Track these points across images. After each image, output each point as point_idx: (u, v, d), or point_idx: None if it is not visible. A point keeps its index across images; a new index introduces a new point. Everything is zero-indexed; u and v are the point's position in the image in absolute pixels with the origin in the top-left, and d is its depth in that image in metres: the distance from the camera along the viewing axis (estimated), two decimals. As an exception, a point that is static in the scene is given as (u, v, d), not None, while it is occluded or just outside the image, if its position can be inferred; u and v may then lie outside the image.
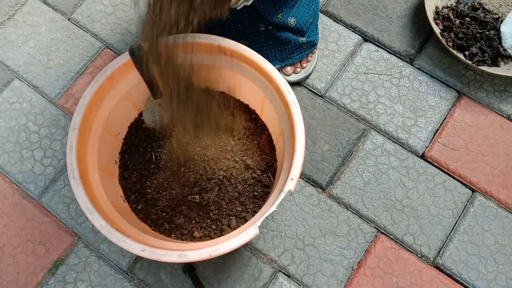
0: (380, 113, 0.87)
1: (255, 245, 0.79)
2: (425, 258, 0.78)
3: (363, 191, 0.82)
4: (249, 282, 0.77)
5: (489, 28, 0.88)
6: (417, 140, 0.85)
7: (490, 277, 0.76)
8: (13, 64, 0.94)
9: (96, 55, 0.94)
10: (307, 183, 0.83)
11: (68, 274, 0.78)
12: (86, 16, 0.97)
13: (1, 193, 0.84)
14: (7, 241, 0.81)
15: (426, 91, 0.88)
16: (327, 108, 0.88)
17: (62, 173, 0.85)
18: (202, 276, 0.77)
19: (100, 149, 0.73)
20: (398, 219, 0.80)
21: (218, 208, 0.74)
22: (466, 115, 0.87)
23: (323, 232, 0.79)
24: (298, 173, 0.62)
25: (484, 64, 0.87)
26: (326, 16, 0.95)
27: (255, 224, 0.59)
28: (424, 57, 0.91)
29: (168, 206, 0.75)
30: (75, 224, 0.81)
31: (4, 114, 0.90)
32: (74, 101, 0.90)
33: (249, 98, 0.80)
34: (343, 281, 0.76)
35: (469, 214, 0.80)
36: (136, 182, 0.77)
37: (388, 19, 0.94)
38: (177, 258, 0.59)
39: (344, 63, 0.91)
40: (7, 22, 0.97)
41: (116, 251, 0.79)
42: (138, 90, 0.77)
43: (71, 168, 0.65)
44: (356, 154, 0.84)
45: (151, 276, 0.77)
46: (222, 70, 0.76)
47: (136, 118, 0.81)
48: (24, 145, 0.87)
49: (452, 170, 0.83)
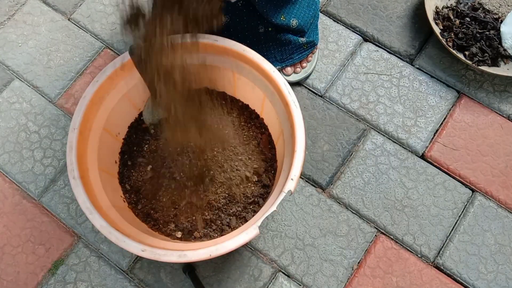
0: (380, 113, 0.87)
1: (255, 245, 0.79)
2: (425, 258, 0.78)
3: (363, 191, 0.82)
4: (249, 282, 0.77)
5: (489, 28, 0.88)
6: (417, 140, 0.85)
7: (490, 277, 0.76)
8: (13, 64, 0.94)
9: (96, 55, 0.94)
10: (307, 183, 0.83)
11: (68, 274, 0.78)
12: (86, 16, 0.97)
13: (1, 193, 0.84)
14: (7, 241, 0.81)
15: (426, 91, 0.88)
16: (327, 108, 0.88)
17: (62, 173, 0.85)
18: (202, 276, 0.77)
19: (100, 149, 0.73)
20: (398, 219, 0.80)
21: (218, 208, 0.74)
22: (466, 115, 0.87)
23: (323, 232, 0.79)
24: (298, 173, 0.62)
25: (484, 64, 0.87)
26: (326, 16, 0.95)
27: (255, 224, 0.59)
28: (424, 57, 0.91)
29: (168, 206, 0.75)
30: (75, 224, 0.81)
31: (4, 114, 0.90)
32: (74, 101, 0.90)
33: (249, 98, 0.80)
34: (343, 281, 0.76)
35: (469, 214, 0.80)
36: (136, 182, 0.77)
37: (388, 19, 0.94)
38: (177, 258, 0.59)
39: (344, 63, 0.91)
40: (7, 22, 0.97)
41: (116, 251, 0.79)
42: (138, 90, 0.77)
43: (71, 168, 0.65)
44: (356, 154, 0.84)
45: (151, 276, 0.77)
46: (222, 70, 0.76)
47: (136, 118, 0.81)
48: (24, 145, 0.87)
49: (452, 170, 0.83)
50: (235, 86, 0.79)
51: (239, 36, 0.83)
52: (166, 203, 0.75)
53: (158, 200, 0.75)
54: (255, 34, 0.82)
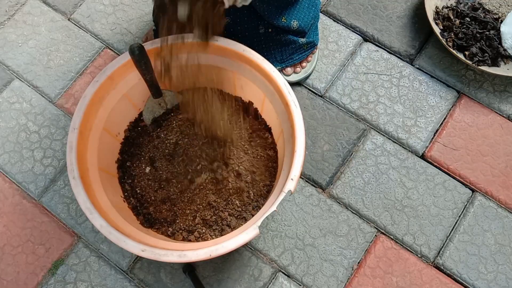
0: (380, 113, 0.87)
1: (255, 245, 0.79)
2: (425, 258, 0.78)
3: (363, 191, 0.82)
4: (249, 282, 0.77)
5: (489, 28, 0.88)
6: (417, 140, 0.85)
7: (490, 277, 0.76)
8: (13, 64, 0.94)
9: (96, 55, 0.94)
10: (307, 183, 0.83)
11: (68, 274, 0.78)
12: (86, 16, 0.97)
13: (1, 193, 0.84)
14: (7, 241, 0.81)
15: (426, 91, 0.88)
16: (327, 108, 0.88)
17: (62, 173, 0.85)
18: (202, 276, 0.77)
19: (100, 149, 0.73)
20: (398, 219, 0.80)
21: (218, 208, 0.74)
22: (466, 115, 0.87)
23: (323, 232, 0.79)
24: (298, 173, 0.62)
25: (484, 64, 0.87)
26: (326, 16, 0.95)
27: (255, 224, 0.59)
28: (424, 57, 0.91)
29: (168, 206, 0.75)
30: (75, 224, 0.81)
31: (4, 114, 0.90)
32: (74, 101, 0.90)
33: (249, 98, 0.80)
34: (343, 281, 0.76)
35: (469, 214, 0.80)
36: (136, 182, 0.77)
37: (388, 19, 0.94)
38: (177, 258, 0.59)
39: (344, 63, 0.91)
40: (7, 22, 0.97)
41: (116, 251, 0.79)
42: (138, 90, 0.77)
43: (71, 168, 0.65)
44: (356, 154, 0.84)
45: (151, 276, 0.77)
46: (222, 70, 0.76)
47: (136, 118, 0.81)
48: (24, 145, 0.87)
49: (452, 170, 0.83)
50: (235, 86, 0.79)
51: (239, 37, 0.83)
52: (166, 203, 0.75)
53: (158, 200, 0.75)
54: (255, 34, 0.82)
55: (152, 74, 0.72)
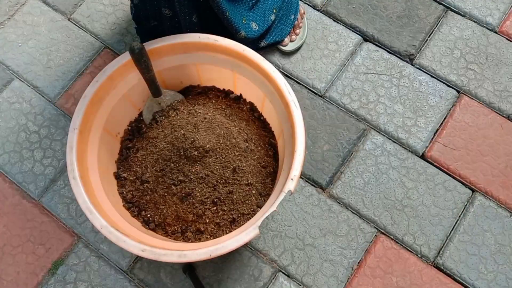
0: (380, 113, 0.87)
1: (255, 245, 0.79)
2: (425, 258, 0.78)
3: (363, 191, 0.82)
4: (249, 282, 0.77)
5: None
6: (417, 140, 0.85)
7: (490, 277, 0.76)
8: (13, 64, 0.94)
9: (96, 55, 0.94)
10: (307, 183, 0.83)
11: (68, 274, 0.78)
12: (86, 16, 0.97)
13: (1, 193, 0.84)
14: (7, 241, 0.81)
15: (426, 91, 0.88)
16: (327, 108, 0.88)
17: (62, 173, 0.85)
18: (202, 276, 0.77)
19: (100, 149, 0.73)
20: (398, 219, 0.80)
21: (218, 208, 0.74)
22: (466, 115, 0.87)
23: (323, 232, 0.79)
24: (298, 173, 0.62)
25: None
26: (326, 16, 0.95)
27: (255, 224, 0.59)
28: (424, 57, 0.91)
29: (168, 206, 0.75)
30: (75, 224, 0.81)
31: (4, 114, 0.90)
32: (74, 101, 0.90)
33: (250, 98, 0.80)
34: (343, 281, 0.76)
35: (469, 214, 0.80)
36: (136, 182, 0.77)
37: (388, 19, 0.94)
38: (177, 258, 0.59)
39: (344, 63, 0.91)
40: (7, 22, 0.97)
41: (116, 251, 0.79)
42: (138, 90, 0.77)
43: (71, 168, 0.65)
44: (356, 154, 0.84)
45: (151, 276, 0.77)
46: (222, 70, 0.76)
47: (136, 118, 0.81)
48: (24, 145, 0.87)
49: (452, 170, 0.83)
50: (235, 86, 0.79)
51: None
52: (166, 203, 0.75)
53: (157, 200, 0.75)
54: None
55: (152, 73, 0.72)
